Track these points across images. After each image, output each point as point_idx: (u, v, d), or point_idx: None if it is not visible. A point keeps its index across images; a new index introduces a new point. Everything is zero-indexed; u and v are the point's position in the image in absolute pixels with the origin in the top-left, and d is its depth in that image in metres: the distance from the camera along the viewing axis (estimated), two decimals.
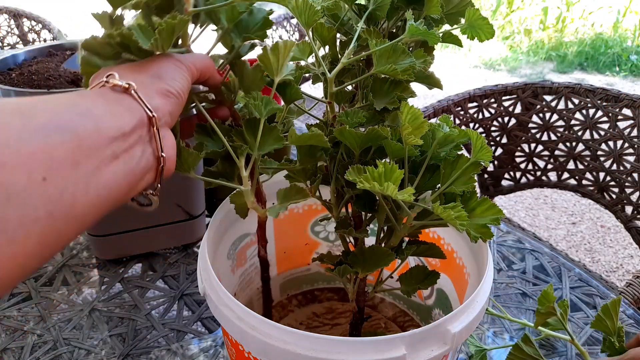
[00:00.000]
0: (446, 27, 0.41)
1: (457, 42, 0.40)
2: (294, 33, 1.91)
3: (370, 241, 0.42)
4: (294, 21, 1.89)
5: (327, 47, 0.40)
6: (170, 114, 0.32)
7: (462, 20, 0.40)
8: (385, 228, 0.41)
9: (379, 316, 0.61)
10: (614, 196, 1.05)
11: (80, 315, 0.61)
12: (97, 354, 0.55)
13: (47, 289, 0.65)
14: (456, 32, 0.40)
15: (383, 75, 0.38)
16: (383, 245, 0.41)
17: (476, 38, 0.39)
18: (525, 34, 4.05)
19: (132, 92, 0.29)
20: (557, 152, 1.11)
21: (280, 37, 1.89)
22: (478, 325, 0.48)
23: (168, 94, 0.32)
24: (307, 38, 0.39)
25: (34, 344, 0.57)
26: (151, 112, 0.30)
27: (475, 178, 0.36)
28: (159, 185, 0.33)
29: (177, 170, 0.35)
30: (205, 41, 0.38)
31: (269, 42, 0.38)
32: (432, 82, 0.41)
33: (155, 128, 0.30)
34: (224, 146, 0.37)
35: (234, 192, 0.41)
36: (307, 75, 0.42)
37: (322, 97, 0.40)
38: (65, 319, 0.60)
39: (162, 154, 0.31)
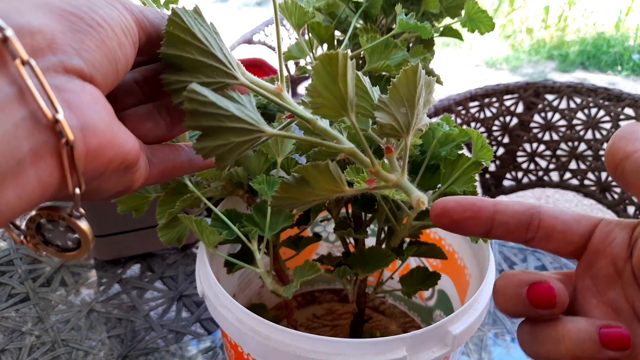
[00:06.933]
0: (447, 22, 0.41)
1: (458, 36, 0.40)
2: (293, 31, 1.90)
3: (370, 242, 0.41)
4: None
5: (325, 46, 0.40)
6: (87, 56, 0.19)
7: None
8: (386, 229, 0.41)
9: (380, 317, 0.60)
10: (616, 196, 1.04)
11: (78, 316, 0.60)
12: (95, 355, 0.55)
13: (45, 289, 0.65)
14: (456, 26, 0.39)
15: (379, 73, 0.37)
16: (383, 246, 0.41)
17: (476, 31, 0.38)
18: (527, 33, 4.04)
19: None
20: (559, 152, 1.11)
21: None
22: (479, 326, 0.47)
23: (77, 20, 0.19)
24: (297, 38, 0.38)
25: (32, 345, 0.56)
26: (2, 29, 0.17)
27: (477, 178, 0.35)
28: (79, 189, 0.19)
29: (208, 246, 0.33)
30: None
31: (269, 39, 0.37)
32: None
33: (20, 61, 0.17)
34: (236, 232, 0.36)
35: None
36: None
37: None
38: (63, 319, 0.60)
39: (59, 114, 0.18)
